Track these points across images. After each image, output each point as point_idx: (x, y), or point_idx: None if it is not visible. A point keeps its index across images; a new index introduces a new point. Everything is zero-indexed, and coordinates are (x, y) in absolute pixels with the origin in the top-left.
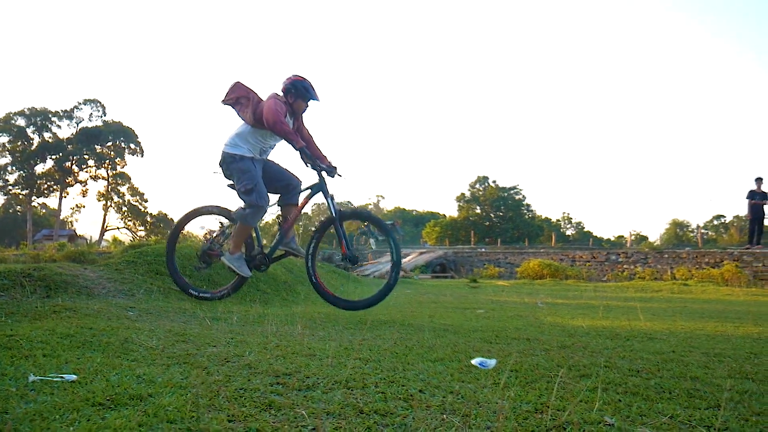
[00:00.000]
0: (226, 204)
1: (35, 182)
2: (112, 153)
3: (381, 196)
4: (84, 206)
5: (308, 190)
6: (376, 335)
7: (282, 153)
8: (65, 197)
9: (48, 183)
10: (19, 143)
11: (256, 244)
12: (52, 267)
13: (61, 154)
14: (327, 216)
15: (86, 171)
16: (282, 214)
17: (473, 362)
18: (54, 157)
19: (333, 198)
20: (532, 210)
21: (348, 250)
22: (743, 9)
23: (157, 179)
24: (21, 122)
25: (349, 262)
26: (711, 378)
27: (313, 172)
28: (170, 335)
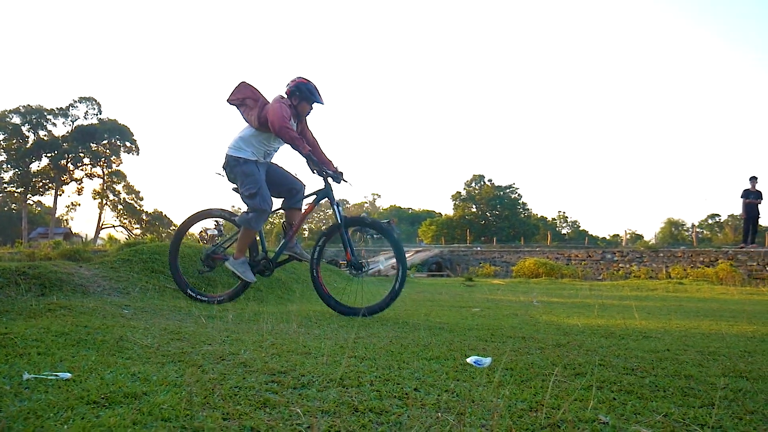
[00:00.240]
0: (226, 204)
1: (30, 180)
2: (108, 151)
3: (377, 195)
4: (79, 204)
5: (314, 196)
6: (372, 333)
7: (284, 156)
8: (60, 195)
9: (43, 181)
10: (14, 141)
11: (260, 249)
12: (47, 265)
13: (57, 152)
14: (333, 222)
15: (81, 169)
16: (286, 219)
17: (468, 361)
18: (49, 155)
19: (339, 205)
20: (528, 209)
21: (353, 257)
22: (739, 8)
23: (153, 177)
24: (16, 120)
25: (354, 269)
26: (705, 376)
27: (316, 176)
28: (165, 333)
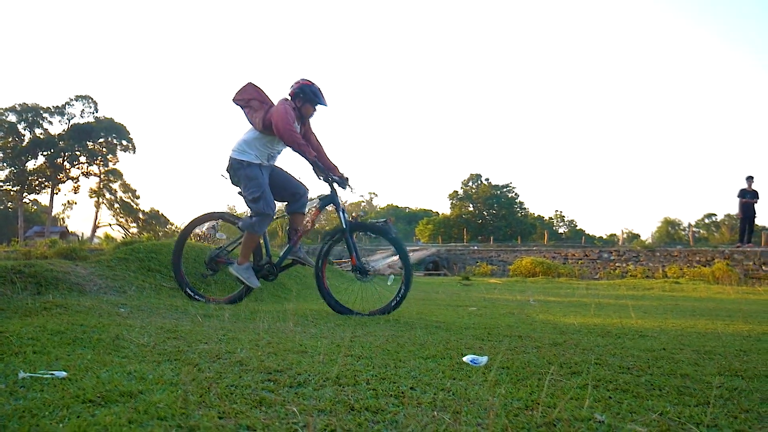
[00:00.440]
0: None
1: (26, 179)
2: (104, 149)
3: (374, 194)
4: (76, 203)
5: (319, 201)
6: (368, 332)
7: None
8: (57, 194)
9: (39, 179)
10: (10, 139)
11: (265, 253)
12: (43, 264)
13: (53, 151)
14: (337, 226)
15: (78, 167)
16: (289, 223)
17: (465, 359)
18: (45, 154)
19: (345, 210)
20: (525, 208)
21: (358, 261)
22: (738, 8)
23: (150, 176)
24: (12, 118)
25: (359, 273)
26: (701, 375)
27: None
28: (161, 332)
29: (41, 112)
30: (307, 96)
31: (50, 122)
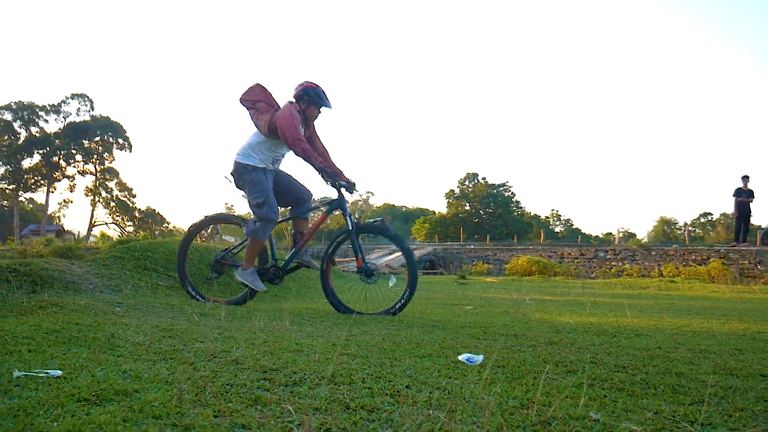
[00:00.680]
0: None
1: (22, 177)
2: (100, 148)
3: (371, 193)
4: (72, 201)
5: (326, 206)
6: (364, 331)
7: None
8: (52, 192)
9: (35, 178)
10: (6, 138)
11: (270, 257)
12: (39, 262)
13: (49, 149)
14: (343, 227)
15: (74, 166)
16: (294, 228)
17: (460, 358)
18: (41, 152)
19: (351, 214)
20: (522, 207)
21: (364, 263)
22: (735, 8)
23: (146, 174)
24: (8, 116)
25: (365, 275)
26: (696, 374)
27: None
28: (157, 331)
29: (37, 111)
30: (312, 98)
31: (46, 120)
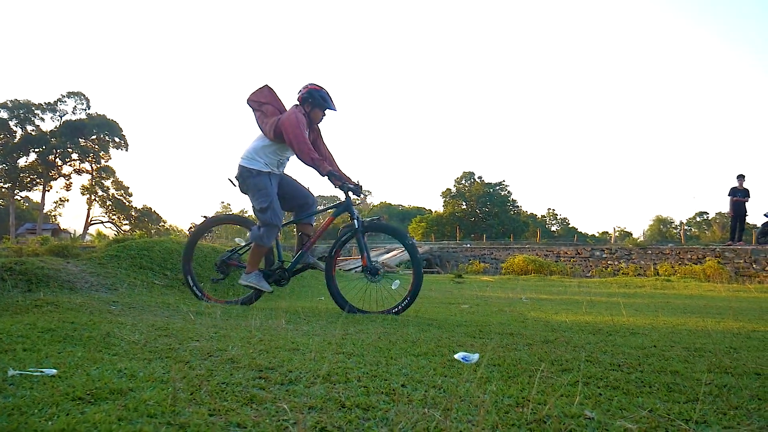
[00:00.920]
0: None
1: (18, 175)
2: (96, 146)
3: (367, 192)
4: (68, 200)
5: (333, 209)
6: (360, 330)
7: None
8: (48, 191)
9: (31, 176)
10: (2, 136)
11: (276, 259)
12: (34, 261)
13: (45, 148)
14: (348, 226)
15: (70, 164)
16: (300, 230)
17: (456, 357)
18: (37, 151)
19: (359, 218)
20: (518, 206)
21: (369, 262)
22: (731, 7)
23: (142, 173)
24: (3, 115)
25: (369, 274)
26: (691, 372)
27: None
28: (153, 330)
29: (33, 109)
30: (316, 101)
31: (42, 119)
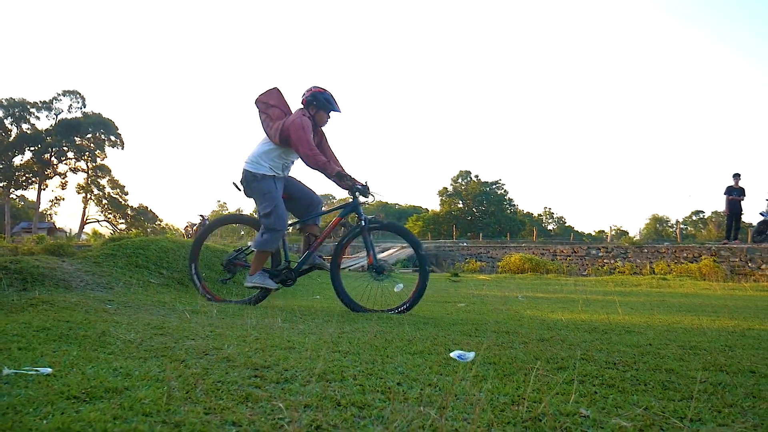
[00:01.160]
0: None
1: (13, 174)
2: (92, 145)
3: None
4: (63, 199)
5: (341, 209)
6: (356, 328)
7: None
8: (44, 189)
9: (26, 175)
10: None
11: (283, 259)
12: (29, 260)
13: (40, 146)
14: (354, 225)
15: (65, 163)
16: (307, 232)
17: (452, 355)
18: (32, 149)
19: (367, 219)
20: (514, 205)
21: (375, 261)
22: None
23: (138, 172)
24: None
25: (375, 272)
26: (686, 370)
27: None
28: (148, 328)
29: (28, 107)
30: (321, 103)
31: (37, 117)
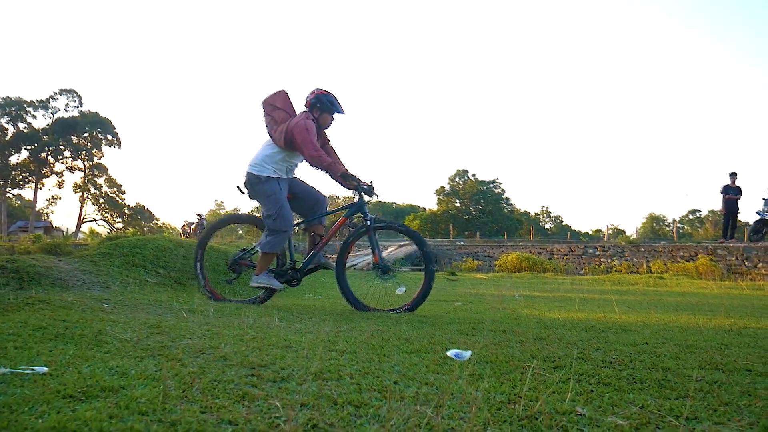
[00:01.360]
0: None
1: (10, 173)
2: (89, 144)
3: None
4: (60, 198)
5: (346, 209)
6: (353, 327)
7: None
8: (41, 188)
9: (23, 174)
10: None
11: (288, 259)
12: (26, 259)
13: (37, 145)
14: (360, 225)
15: (62, 162)
16: (312, 232)
17: (449, 354)
18: (29, 148)
19: (373, 219)
20: (512, 204)
21: (380, 260)
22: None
23: (135, 171)
24: None
25: (381, 272)
26: (682, 369)
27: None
28: (145, 327)
29: (25, 106)
30: (324, 105)
31: (34, 116)
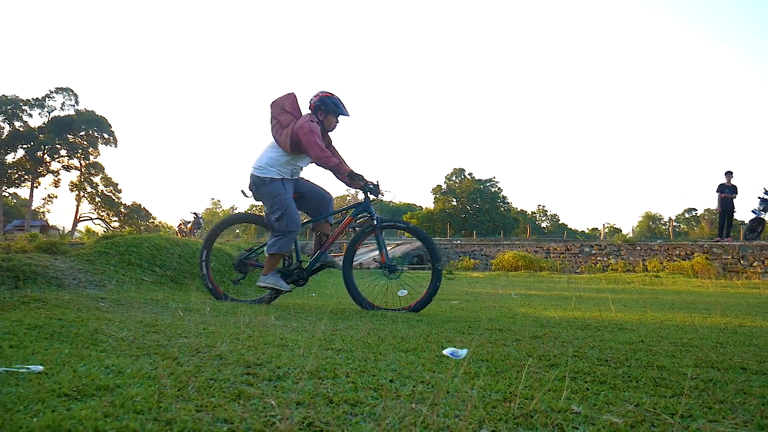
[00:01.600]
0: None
1: (6, 172)
2: (85, 142)
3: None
4: (56, 197)
5: (353, 209)
6: (349, 326)
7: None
8: (37, 187)
9: (19, 173)
10: None
11: (295, 258)
12: (22, 258)
13: (33, 144)
14: (366, 224)
15: (58, 161)
16: (318, 231)
17: (445, 352)
18: (25, 147)
19: (379, 219)
20: (508, 202)
21: (387, 259)
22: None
23: (131, 169)
24: None
25: (387, 270)
26: (677, 367)
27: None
28: (141, 326)
29: (21, 105)
30: (329, 108)
31: (30, 115)
